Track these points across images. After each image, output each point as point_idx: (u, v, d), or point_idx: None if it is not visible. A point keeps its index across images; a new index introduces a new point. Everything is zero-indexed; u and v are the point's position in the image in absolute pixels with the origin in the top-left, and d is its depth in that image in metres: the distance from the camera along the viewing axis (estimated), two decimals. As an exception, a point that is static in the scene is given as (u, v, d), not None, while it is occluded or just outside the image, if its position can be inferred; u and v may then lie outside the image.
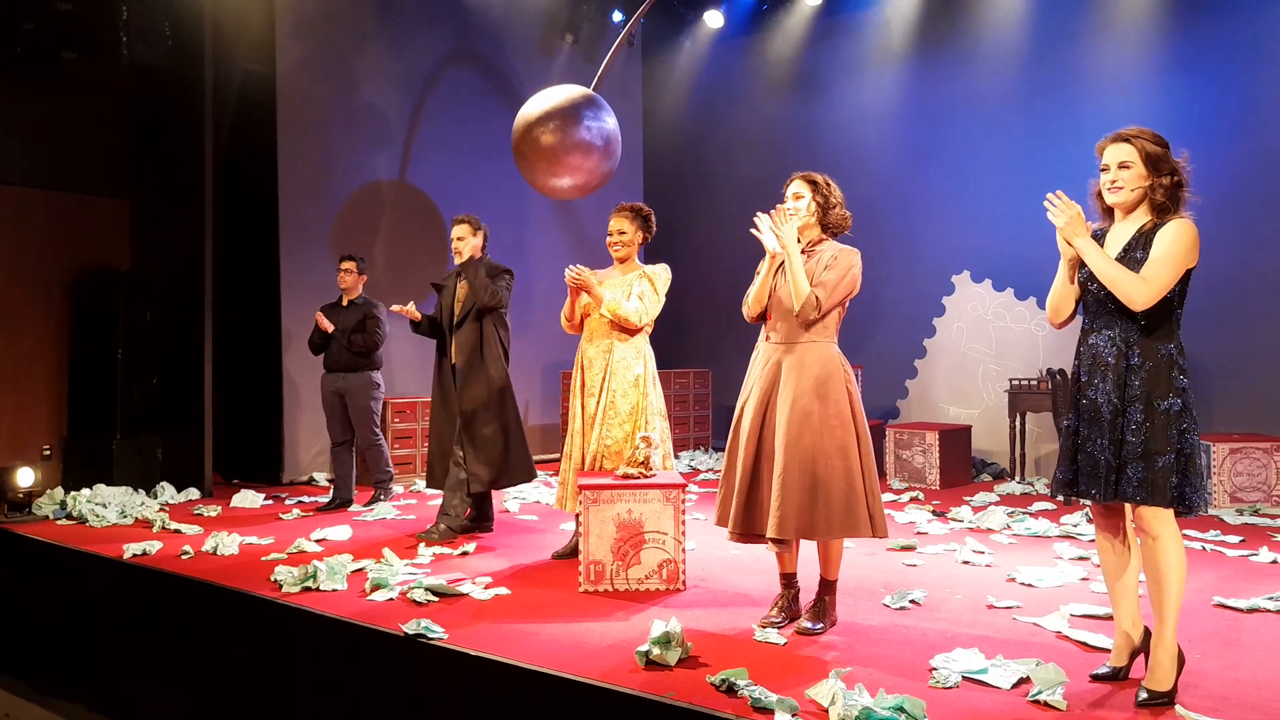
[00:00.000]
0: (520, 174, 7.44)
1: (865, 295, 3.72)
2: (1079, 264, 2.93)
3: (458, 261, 5.38)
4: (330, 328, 6.27)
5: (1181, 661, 2.85)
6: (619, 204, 4.93)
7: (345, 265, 6.46)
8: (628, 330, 4.69)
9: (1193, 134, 3.03)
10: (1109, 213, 2.97)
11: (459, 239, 5.35)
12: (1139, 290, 2.77)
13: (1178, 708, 2.72)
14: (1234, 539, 5.16)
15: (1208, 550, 4.90)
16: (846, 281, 3.56)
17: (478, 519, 5.48)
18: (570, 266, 4.75)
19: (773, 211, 3.60)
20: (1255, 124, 7.01)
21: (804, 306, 3.51)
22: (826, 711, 2.72)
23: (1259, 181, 6.88)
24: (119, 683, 4.73)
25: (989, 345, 8.10)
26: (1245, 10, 7.10)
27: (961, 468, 7.37)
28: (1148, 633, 3.02)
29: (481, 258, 5.39)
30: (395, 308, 5.66)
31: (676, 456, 8.72)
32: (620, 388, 4.65)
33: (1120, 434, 2.81)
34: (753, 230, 3.65)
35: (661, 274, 4.75)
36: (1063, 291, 2.99)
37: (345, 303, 6.42)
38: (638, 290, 4.69)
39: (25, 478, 6.07)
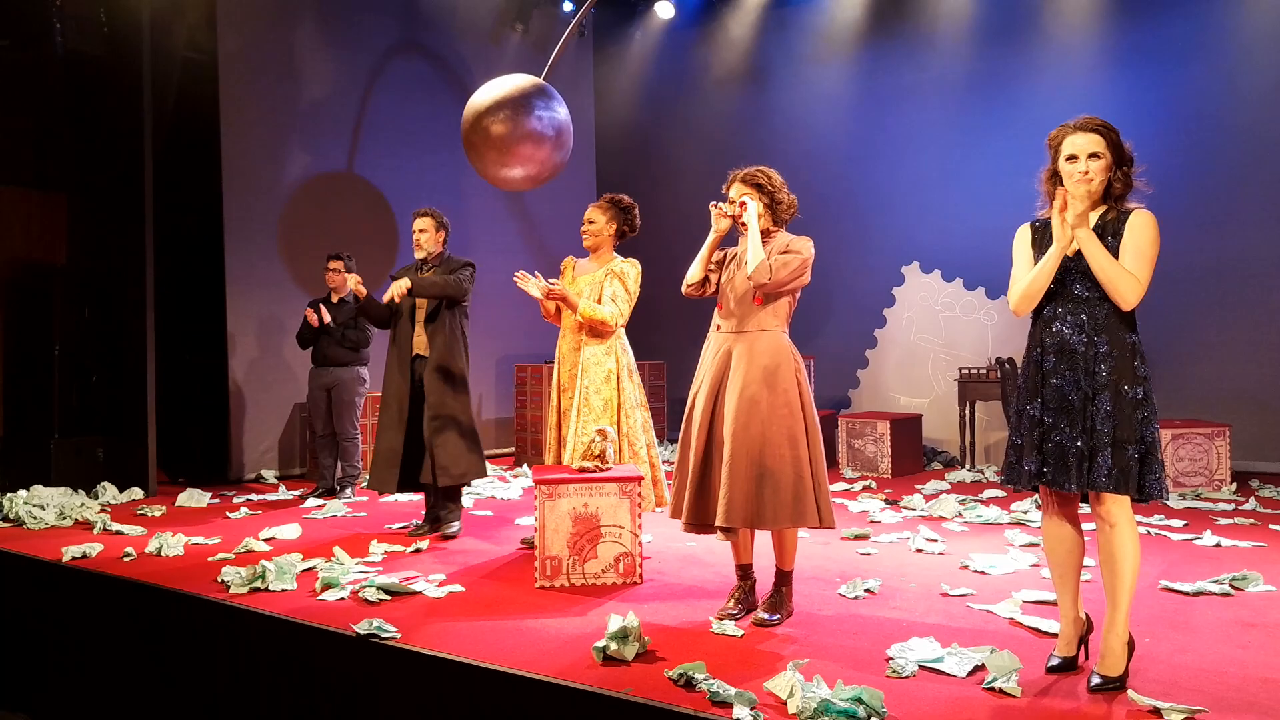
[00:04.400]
0: (470, 164, 7.35)
1: (816, 286, 3.74)
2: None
3: (418, 255, 5.30)
4: (326, 320, 6.42)
5: (1132, 646, 2.89)
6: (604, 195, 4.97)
7: (333, 264, 6.62)
8: (603, 331, 4.67)
9: (1133, 126, 3.05)
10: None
11: (421, 231, 5.27)
12: (1134, 290, 2.78)
13: (1129, 692, 2.76)
14: (1178, 523, 5.27)
15: (1153, 534, 5.00)
16: (801, 263, 3.57)
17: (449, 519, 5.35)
18: (530, 280, 4.72)
19: (722, 204, 3.64)
20: (1191, 117, 7.17)
21: (758, 269, 3.51)
22: (785, 704, 2.71)
23: (1195, 174, 7.04)
24: (62, 691, 4.59)
25: (938, 335, 8.19)
26: (1186, 5, 7.25)
27: (913, 456, 7.44)
28: (1090, 620, 3.06)
29: (442, 252, 5.34)
30: (353, 284, 5.66)
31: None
32: (593, 384, 4.64)
33: (1090, 422, 2.81)
34: (711, 207, 3.66)
35: (630, 270, 4.73)
36: (1044, 279, 2.89)
37: (335, 299, 6.58)
38: (609, 292, 4.67)
39: (-42, 480, 5.88)
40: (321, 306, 6.51)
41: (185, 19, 7.17)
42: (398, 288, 5.03)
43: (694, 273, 3.74)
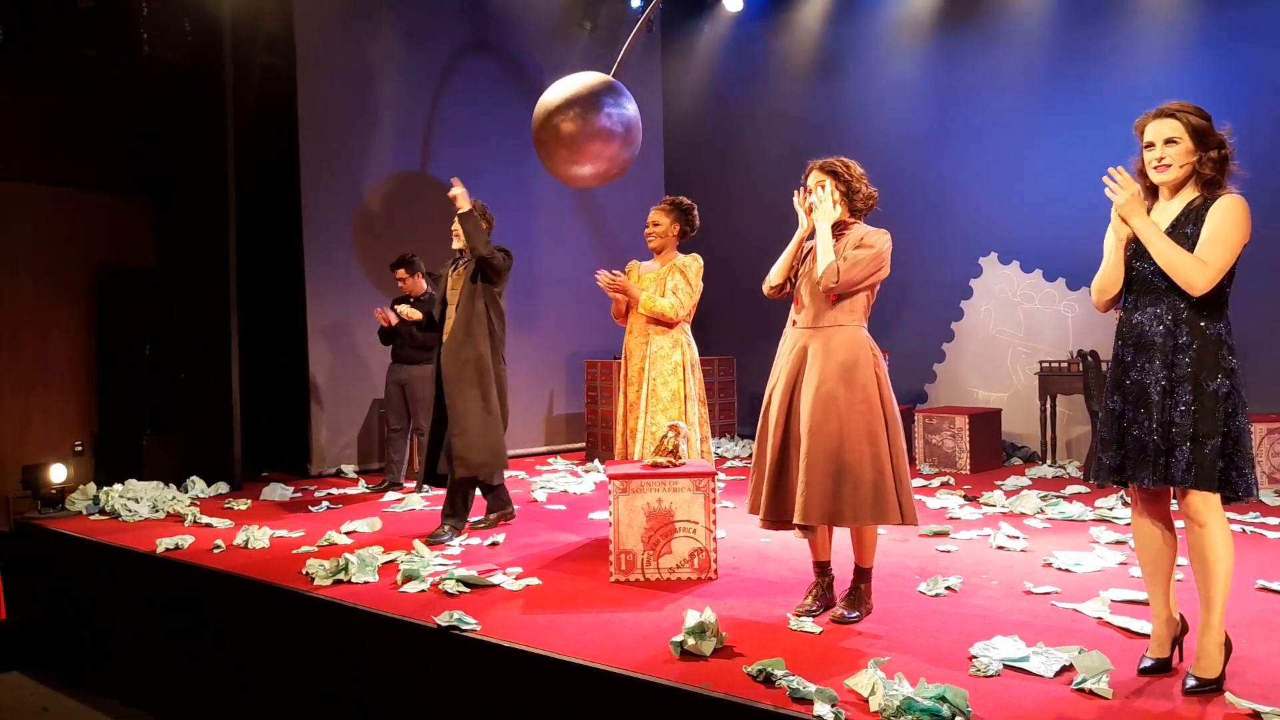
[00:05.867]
0: (540, 163, 7.40)
1: (891, 279, 3.68)
2: (1129, 242, 2.85)
3: (455, 245, 5.22)
4: (394, 321, 6.57)
5: (1228, 648, 2.80)
6: (663, 197, 5.04)
7: (399, 274, 6.80)
8: (666, 323, 4.76)
9: (1226, 108, 2.94)
10: (1152, 191, 2.88)
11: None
12: (1199, 274, 2.68)
13: (1227, 695, 2.67)
14: (1275, 520, 5.07)
15: (1248, 533, 4.82)
16: (872, 259, 3.51)
17: (496, 507, 5.42)
18: (603, 273, 4.87)
19: (801, 191, 3.63)
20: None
21: (826, 273, 3.49)
22: (866, 701, 2.68)
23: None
24: (153, 676, 4.76)
25: (1018, 327, 8.00)
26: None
27: (992, 451, 7.29)
28: (1184, 621, 2.96)
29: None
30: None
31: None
32: (660, 376, 4.73)
33: (1168, 415, 2.72)
34: (795, 202, 3.70)
35: (691, 264, 4.85)
36: (1114, 272, 2.87)
37: (413, 300, 6.74)
38: (671, 284, 4.79)
39: (58, 474, 6.12)
40: (396, 308, 6.60)
41: (264, 26, 7.36)
42: (458, 193, 5.04)
43: (776, 275, 3.72)
